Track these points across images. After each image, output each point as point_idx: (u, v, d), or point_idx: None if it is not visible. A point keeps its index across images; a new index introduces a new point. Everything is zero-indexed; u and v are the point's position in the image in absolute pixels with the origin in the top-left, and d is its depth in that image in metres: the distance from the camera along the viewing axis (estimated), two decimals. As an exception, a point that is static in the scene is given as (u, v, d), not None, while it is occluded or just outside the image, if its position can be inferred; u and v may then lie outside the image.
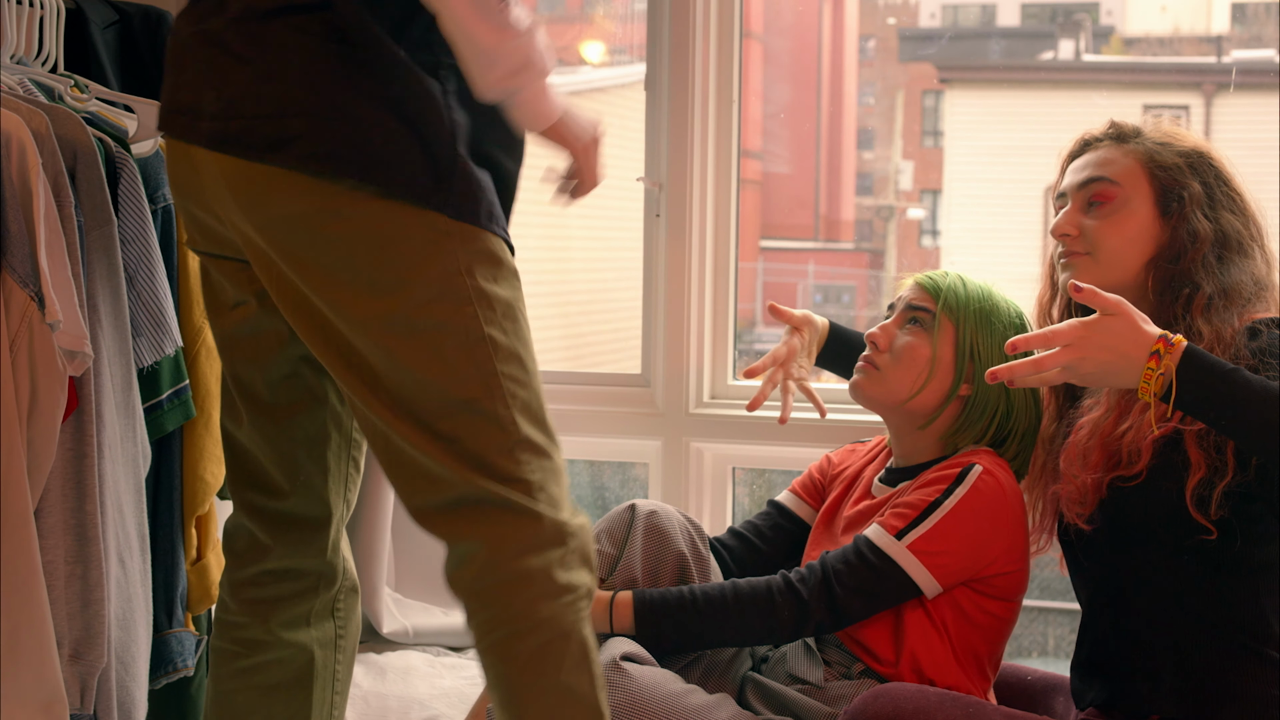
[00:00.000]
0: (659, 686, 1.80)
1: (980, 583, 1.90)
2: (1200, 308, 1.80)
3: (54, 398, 1.80)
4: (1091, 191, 1.91)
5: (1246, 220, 1.88)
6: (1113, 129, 1.96)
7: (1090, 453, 1.83)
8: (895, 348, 2.01)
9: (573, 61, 5.92)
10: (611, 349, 3.80)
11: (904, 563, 1.86)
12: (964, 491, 1.88)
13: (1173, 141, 1.91)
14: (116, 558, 1.94)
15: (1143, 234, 1.88)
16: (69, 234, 1.87)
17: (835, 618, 1.88)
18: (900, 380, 1.99)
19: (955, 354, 1.98)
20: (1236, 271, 1.83)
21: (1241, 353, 1.74)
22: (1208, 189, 1.88)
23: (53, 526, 1.87)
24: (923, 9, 8.37)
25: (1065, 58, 7.11)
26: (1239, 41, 6.59)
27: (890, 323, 2.04)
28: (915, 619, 1.90)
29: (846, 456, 2.20)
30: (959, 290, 2.01)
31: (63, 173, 1.88)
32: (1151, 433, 1.74)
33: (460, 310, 1.52)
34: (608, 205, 4.18)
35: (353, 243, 1.52)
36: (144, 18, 2.32)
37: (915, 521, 1.87)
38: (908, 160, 8.53)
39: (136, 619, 1.99)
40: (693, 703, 1.81)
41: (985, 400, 1.97)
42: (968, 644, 1.91)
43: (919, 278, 2.04)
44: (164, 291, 2.02)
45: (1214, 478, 1.72)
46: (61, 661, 1.87)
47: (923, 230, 7.97)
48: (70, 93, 2.08)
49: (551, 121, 1.63)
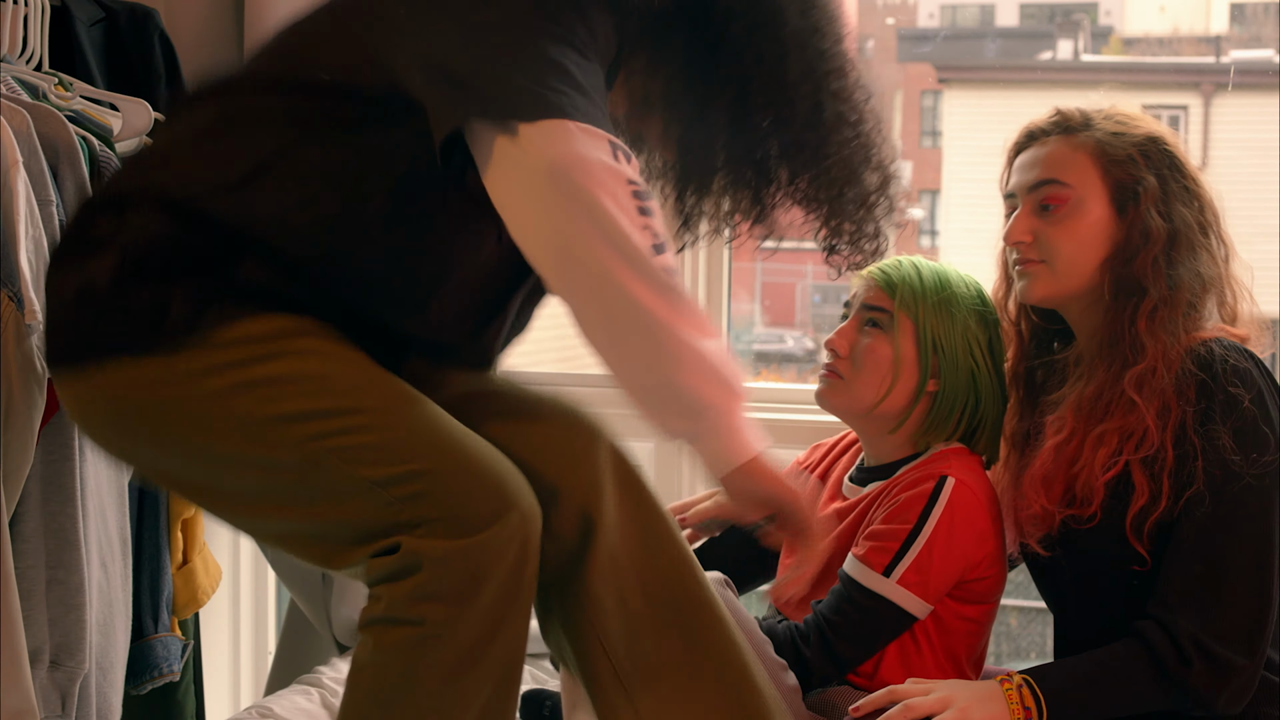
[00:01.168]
0: (752, 624, 1.81)
1: (959, 589, 1.88)
2: (1145, 315, 1.77)
3: (32, 401, 1.78)
4: (1043, 195, 1.84)
5: (1201, 207, 1.84)
6: (1059, 118, 1.88)
7: (1053, 483, 1.81)
8: (856, 353, 1.94)
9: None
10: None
11: (897, 598, 1.83)
12: (940, 511, 1.84)
13: (1125, 130, 1.85)
14: (99, 562, 1.92)
15: (1099, 235, 1.83)
16: (51, 233, 1.85)
17: (840, 668, 1.87)
18: (865, 386, 1.93)
19: (918, 351, 1.91)
20: (1184, 271, 1.79)
21: (1186, 383, 1.73)
22: (1163, 181, 1.82)
23: (33, 531, 1.85)
24: (921, 9, 8.34)
25: (1064, 58, 7.08)
26: (1238, 42, 6.57)
27: (848, 326, 1.97)
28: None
29: (811, 455, 2.16)
30: (914, 283, 1.93)
31: (44, 171, 1.86)
32: (1103, 475, 1.75)
33: (232, 429, 1.40)
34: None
35: (114, 418, 1.45)
36: (130, 15, 2.30)
37: (899, 555, 1.83)
38: (906, 160, 8.52)
39: (116, 625, 1.97)
40: (771, 654, 1.80)
41: (954, 394, 1.92)
42: (946, 649, 1.90)
43: (873, 273, 1.96)
44: (146, 293, 2.00)
45: (1151, 506, 1.72)
46: (42, 669, 1.85)
47: (921, 230, 7.94)
48: (54, 90, 2.06)
49: (745, 459, 1.46)
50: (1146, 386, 1.75)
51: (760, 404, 2.62)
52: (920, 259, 1.96)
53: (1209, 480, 1.70)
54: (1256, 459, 1.70)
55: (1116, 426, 1.76)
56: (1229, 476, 1.69)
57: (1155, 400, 1.74)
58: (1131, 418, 1.75)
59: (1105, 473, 1.75)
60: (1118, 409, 1.76)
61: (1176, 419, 1.73)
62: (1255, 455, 1.70)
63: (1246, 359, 1.75)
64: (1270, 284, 3.70)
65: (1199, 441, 1.71)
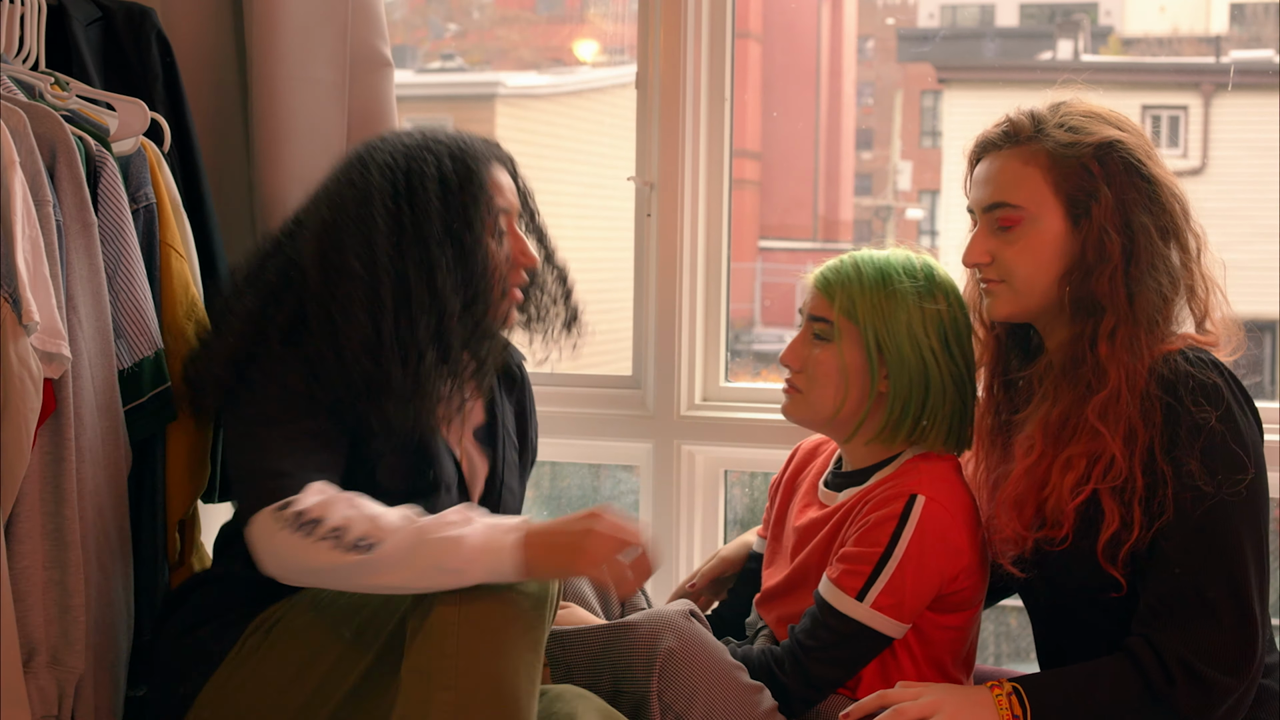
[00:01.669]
0: (720, 650, 1.86)
1: (938, 602, 1.87)
2: (1105, 336, 1.75)
3: (29, 401, 1.77)
4: (996, 217, 1.83)
5: (1160, 211, 1.79)
6: (1009, 129, 1.84)
7: (1024, 506, 1.80)
8: (808, 366, 1.95)
9: (570, 62, 5.89)
10: (605, 350, 3.78)
11: (872, 621, 1.83)
12: (911, 532, 1.83)
13: (1078, 139, 1.80)
14: (97, 562, 1.92)
15: (1055, 251, 1.80)
16: (47, 233, 1.84)
17: (819, 691, 1.87)
18: (821, 398, 1.94)
19: (864, 356, 1.91)
20: (1144, 286, 1.76)
21: (1151, 406, 1.72)
22: (1119, 191, 1.78)
23: (30, 531, 1.84)
24: (921, 9, 8.35)
25: (1064, 58, 7.08)
26: (1238, 42, 6.57)
27: (798, 339, 1.98)
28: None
29: (793, 455, 2.17)
30: (853, 286, 1.91)
31: (41, 171, 1.86)
32: (1072, 500, 1.74)
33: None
34: (600, 205, 4.16)
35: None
36: (127, 15, 2.29)
37: (871, 578, 1.83)
38: (906, 160, 8.51)
39: (117, 624, 1.96)
40: (744, 679, 1.84)
41: (907, 391, 1.90)
42: (930, 658, 1.90)
43: (815, 279, 1.96)
44: (144, 292, 2.00)
45: (1123, 534, 1.71)
46: (39, 667, 1.85)
47: (921, 230, 7.94)
48: (50, 90, 2.05)
49: (518, 555, 1.70)
50: (1111, 413, 1.73)
51: (760, 404, 2.62)
52: (864, 255, 1.94)
53: (1179, 508, 1.69)
54: (1227, 478, 1.68)
55: (1083, 451, 1.74)
56: (1199, 499, 1.68)
57: (1121, 425, 1.72)
58: (1097, 443, 1.73)
59: (1074, 498, 1.74)
60: (1083, 433, 1.75)
61: (1144, 443, 1.71)
62: (1225, 475, 1.68)
63: (1213, 371, 1.72)
64: (1270, 284, 3.70)
65: (1168, 468, 1.69)
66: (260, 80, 2.39)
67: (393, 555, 1.70)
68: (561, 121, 5.88)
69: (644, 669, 1.82)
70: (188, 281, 2.11)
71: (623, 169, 2.68)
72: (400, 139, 1.98)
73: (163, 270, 2.09)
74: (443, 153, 1.94)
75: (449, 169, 1.93)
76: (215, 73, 2.49)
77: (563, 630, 1.91)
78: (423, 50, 6.75)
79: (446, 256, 1.89)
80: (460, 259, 1.91)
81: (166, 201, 2.12)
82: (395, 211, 1.88)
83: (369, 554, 1.70)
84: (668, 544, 2.61)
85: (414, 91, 5.79)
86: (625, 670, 1.83)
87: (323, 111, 2.41)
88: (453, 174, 1.92)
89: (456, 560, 1.68)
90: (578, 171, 4.93)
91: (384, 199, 1.89)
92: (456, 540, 1.69)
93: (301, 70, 2.39)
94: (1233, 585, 1.68)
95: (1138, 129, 1.84)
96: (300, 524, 1.73)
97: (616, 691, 1.84)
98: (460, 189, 1.92)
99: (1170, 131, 5.03)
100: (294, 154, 2.39)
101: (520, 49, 7.00)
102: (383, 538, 1.71)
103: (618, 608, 2.13)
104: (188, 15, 2.47)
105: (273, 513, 1.76)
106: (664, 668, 1.81)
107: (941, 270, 1.95)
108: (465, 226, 1.91)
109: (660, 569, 2.52)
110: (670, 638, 1.82)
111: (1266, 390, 2.70)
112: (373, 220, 1.87)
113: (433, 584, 1.69)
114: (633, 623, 1.87)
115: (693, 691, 1.81)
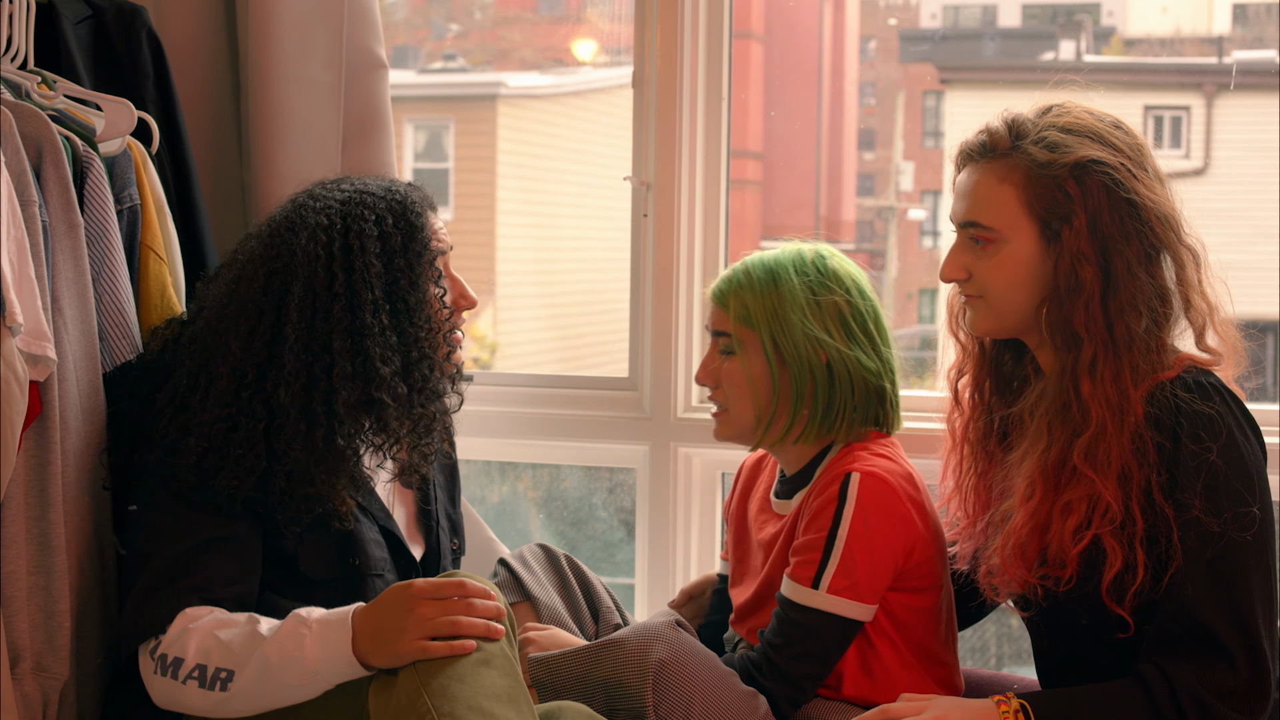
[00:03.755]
0: (712, 658, 1.85)
1: (901, 580, 1.86)
2: (1086, 370, 1.70)
3: (15, 404, 1.75)
4: (970, 233, 1.79)
5: (1144, 234, 1.72)
6: (987, 140, 1.78)
7: (1027, 551, 1.76)
8: (722, 381, 1.96)
9: (570, 62, 5.88)
10: (602, 351, 3.76)
11: (832, 607, 1.82)
12: (852, 509, 1.83)
13: (1056, 156, 1.72)
14: (80, 568, 1.90)
15: (1029, 274, 1.75)
16: (33, 234, 1.82)
17: (801, 688, 1.85)
18: (741, 411, 1.94)
19: (765, 362, 1.92)
20: (1125, 318, 1.70)
21: (1144, 444, 1.68)
22: (1095, 214, 1.70)
23: (15, 536, 1.82)
24: (923, 10, 8.32)
25: (1066, 58, 7.06)
26: (1240, 42, 6.54)
27: (707, 356, 1.99)
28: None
29: (740, 470, 2.16)
30: (745, 292, 1.93)
31: (27, 171, 1.84)
32: (1074, 546, 1.70)
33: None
34: (598, 205, 4.14)
35: None
36: (117, 14, 2.28)
37: (822, 564, 1.82)
38: (908, 161, 8.48)
39: (101, 631, 1.95)
40: (739, 685, 1.83)
41: (811, 387, 1.90)
42: (910, 644, 1.89)
43: (711, 292, 1.98)
44: (126, 295, 1.98)
45: (1127, 576, 1.68)
46: (24, 674, 1.83)
47: (923, 231, 7.92)
48: (37, 89, 2.04)
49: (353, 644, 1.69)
50: (1099, 455, 1.69)
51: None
52: (754, 258, 1.95)
53: (1187, 551, 1.65)
54: (1234, 513, 1.64)
55: (1082, 495, 1.70)
56: (1207, 541, 1.64)
57: (1113, 466, 1.68)
58: (1094, 487, 1.69)
59: (1077, 544, 1.70)
60: (1080, 477, 1.71)
61: (1140, 483, 1.67)
62: (1231, 511, 1.64)
63: (1214, 397, 1.68)
64: (1272, 284, 3.67)
65: (1170, 510, 1.66)
66: (255, 81, 2.38)
67: (250, 688, 1.71)
68: (562, 122, 5.86)
69: (637, 683, 1.80)
70: (165, 285, 2.09)
71: (621, 169, 2.66)
72: (334, 195, 1.89)
73: (140, 272, 2.08)
74: (381, 209, 1.87)
75: (390, 226, 1.87)
76: (208, 72, 2.48)
77: (547, 655, 1.89)
78: (424, 50, 6.74)
79: (380, 320, 1.83)
80: (398, 318, 1.85)
81: (150, 203, 2.10)
82: (328, 279, 1.82)
83: (229, 690, 1.71)
84: (664, 547, 2.60)
85: (416, 92, 5.77)
86: (617, 687, 1.81)
87: (318, 112, 2.40)
88: (394, 230, 1.87)
89: (302, 676, 1.70)
90: (578, 172, 4.92)
91: (317, 266, 1.82)
92: (299, 659, 1.69)
93: (297, 71, 2.38)
94: (1243, 628, 1.65)
95: (1128, 139, 1.76)
96: (165, 666, 1.74)
97: (611, 710, 1.82)
98: (404, 248, 1.87)
99: (1172, 132, 5.01)
100: (289, 155, 2.38)
101: (522, 49, 6.99)
102: (237, 666, 1.71)
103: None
104: (180, 14, 2.45)
105: (146, 654, 1.78)
106: (658, 680, 1.79)
107: (837, 259, 1.95)
108: (410, 285, 1.86)
109: (650, 573, 2.51)
110: (661, 649, 1.80)
111: (1268, 391, 2.68)
112: (305, 289, 1.82)
113: (294, 698, 1.71)
114: (619, 639, 1.84)
115: (689, 701, 1.79)
